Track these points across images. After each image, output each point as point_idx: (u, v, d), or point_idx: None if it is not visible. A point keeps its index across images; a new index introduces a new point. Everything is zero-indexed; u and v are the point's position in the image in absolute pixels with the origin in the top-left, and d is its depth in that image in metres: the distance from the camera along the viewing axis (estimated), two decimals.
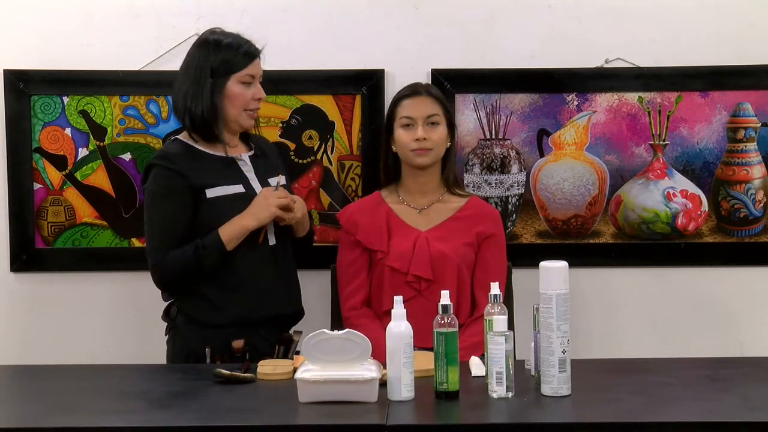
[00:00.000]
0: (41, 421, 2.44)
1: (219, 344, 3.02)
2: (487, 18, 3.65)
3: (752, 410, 2.45)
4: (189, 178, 3.04)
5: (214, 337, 3.04)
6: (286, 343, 3.06)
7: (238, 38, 3.12)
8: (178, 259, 3.02)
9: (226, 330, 3.04)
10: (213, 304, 3.07)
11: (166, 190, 3.06)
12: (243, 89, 3.10)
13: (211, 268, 3.03)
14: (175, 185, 3.05)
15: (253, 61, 3.11)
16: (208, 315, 3.08)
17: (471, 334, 3.10)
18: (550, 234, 3.70)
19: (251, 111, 3.14)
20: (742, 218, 3.69)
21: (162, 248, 3.04)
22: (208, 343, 3.03)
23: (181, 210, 3.05)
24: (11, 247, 3.67)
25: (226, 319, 3.06)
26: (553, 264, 2.54)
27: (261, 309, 3.09)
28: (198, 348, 3.04)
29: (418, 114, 3.25)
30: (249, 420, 2.42)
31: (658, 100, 3.66)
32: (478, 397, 2.53)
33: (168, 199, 3.06)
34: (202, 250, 3.01)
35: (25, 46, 3.64)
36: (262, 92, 3.14)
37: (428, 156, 3.25)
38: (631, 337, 3.70)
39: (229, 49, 3.09)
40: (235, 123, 3.13)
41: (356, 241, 3.27)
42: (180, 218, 3.04)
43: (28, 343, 3.70)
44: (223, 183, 3.06)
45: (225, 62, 3.08)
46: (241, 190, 3.09)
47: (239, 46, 3.10)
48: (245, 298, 3.08)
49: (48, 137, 3.65)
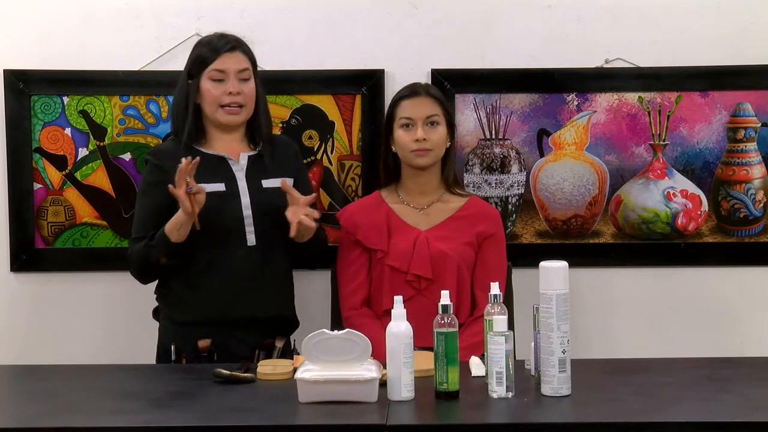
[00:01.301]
0: (41, 421, 2.44)
1: (186, 342, 3.04)
2: (487, 18, 3.65)
3: (752, 410, 2.45)
4: (169, 173, 3.02)
5: (182, 334, 3.06)
6: (266, 349, 3.03)
7: (216, 35, 3.13)
8: (136, 251, 3.08)
9: (195, 328, 3.04)
10: (183, 301, 3.10)
11: (148, 185, 3.14)
12: (213, 86, 3.09)
13: (161, 259, 3.03)
14: (155, 181, 3.10)
15: (219, 55, 3.08)
16: (177, 312, 3.11)
17: (471, 334, 3.10)
18: (550, 234, 3.70)
19: (228, 107, 3.10)
20: (742, 218, 3.69)
21: (134, 240, 3.12)
22: (176, 340, 3.07)
23: (158, 204, 3.07)
24: (11, 247, 3.66)
25: (194, 317, 3.07)
26: (553, 264, 2.54)
27: (235, 310, 3.07)
28: (167, 344, 3.08)
29: (418, 114, 3.25)
30: (249, 420, 2.42)
31: (658, 100, 3.66)
32: (478, 397, 2.54)
33: (147, 193, 3.13)
34: (149, 241, 3.04)
35: (25, 46, 3.64)
36: (235, 86, 3.08)
37: (428, 156, 3.25)
38: (631, 337, 3.70)
39: (199, 47, 3.13)
40: (215, 120, 3.12)
41: (356, 240, 3.27)
42: (156, 212, 3.07)
43: (28, 343, 3.70)
44: (204, 181, 3.01)
45: (196, 60, 3.12)
46: (222, 189, 3.08)
47: (209, 42, 3.11)
48: (218, 298, 3.07)
49: (48, 137, 3.65)
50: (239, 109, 3.12)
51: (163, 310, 3.17)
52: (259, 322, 3.09)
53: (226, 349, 3.03)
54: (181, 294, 3.11)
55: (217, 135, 3.15)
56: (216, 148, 3.14)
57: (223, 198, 3.07)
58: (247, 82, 3.12)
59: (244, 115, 3.14)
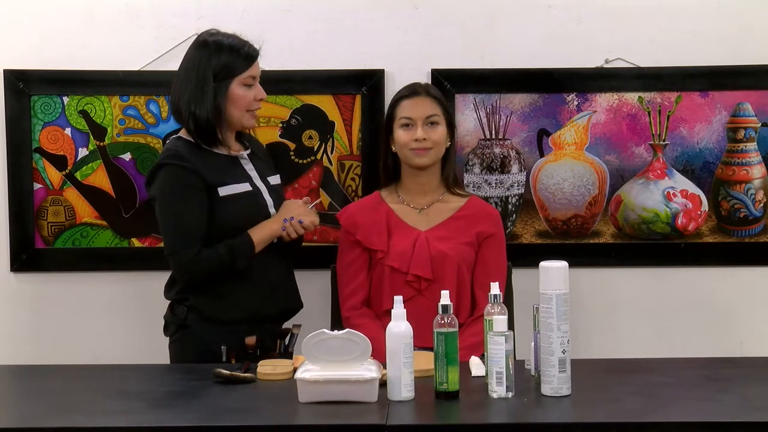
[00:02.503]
0: (41, 421, 2.44)
1: (233, 341, 3.02)
2: (487, 18, 3.65)
3: (752, 410, 2.45)
4: (203, 175, 3.03)
5: (229, 334, 3.04)
6: (285, 336, 3.07)
7: (237, 39, 3.12)
8: (213, 258, 3.02)
9: (240, 326, 3.05)
10: (228, 300, 3.08)
11: (185, 188, 3.04)
12: (245, 91, 3.11)
13: (240, 269, 3.06)
14: (192, 183, 3.03)
15: (253, 62, 3.12)
16: (224, 311, 3.08)
17: (471, 334, 3.10)
18: (550, 234, 3.70)
19: (253, 111, 3.15)
20: (742, 218, 3.70)
21: (191, 245, 3.02)
22: (224, 340, 3.03)
23: (201, 207, 3.04)
24: (11, 247, 3.67)
25: (241, 315, 3.08)
26: (553, 264, 2.54)
27: (271, 304, 3.13)
28: (214, 346, 3.03)
29: (418, 114, 3.25)
30: (249, 420, 2.42)
31: (658, 100, 3.66)
32: (478, 397, 2.53)
33: (187, 196, 3.03)
34: (237, 250, 3.03)
35: (25, 46, 3.64)
36: (263, 92, 3.15)
37: (428, 156, 3.25)
38: (631, 337, 3.70)
39: (230, 52, 3.09)
40: (238, 124, 3.14)
41: (356, 240, 3.27)
42: (201, 215, 3.04)
43: (28, 343, 3.70)
44: (232, 181, 3.08)
45: (227, 65, 3.08)
46: (249, 188, 3.12)
47: (240, 48, 3.10)
48: (257, 293, 3.10)
49: (48, 137, 3.65)
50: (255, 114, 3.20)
51: (203, 311, 3.08)
52: (288, 314, 3.20)
53: (262, 342, 3.03)
54: (225, 293, 3.08)
55: (228, 137, 3.16)
56: (223, 149, 3.15)
57: (252, 197, 3.11)
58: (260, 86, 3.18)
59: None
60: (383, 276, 3.21)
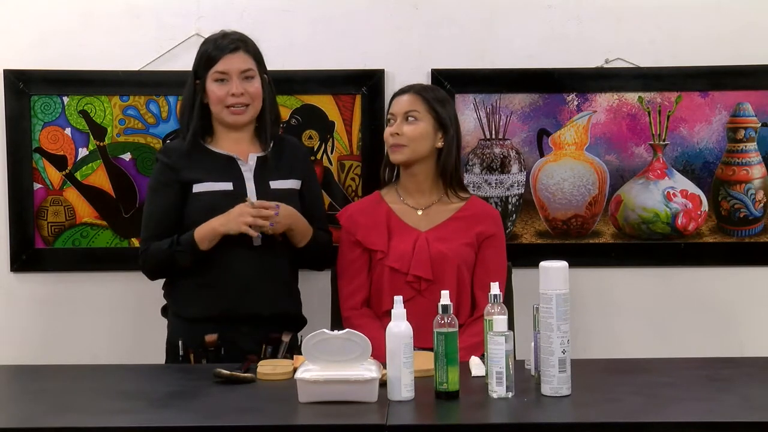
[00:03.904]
0: (41, 421, 2.44)
1: (194, 337, 3.05)
2: (487, 18, 3.65)
3: (752, 410, 2.45)
4: (180, 172, 3.09)
5: (189, 330, 3.08)
6: (274, 344, 3.04)
7: (216, 35, 3.14)
8: (156, 251, 3.10)
9: (202, 324, 3.06)
10: (191, 298, 3.12)
11: (158, 183, 3.15)
12: (217, 86, 3.11)
13: (186, 264, 3.07)
14: (165, 179, 3.13)
15: (222, 56, 3.10)
16: (185, 308, 3.14)
17: (471, 334, 3.10)
18: (550, 234, 3.70)
19: (233, 107, 3.12)
20: (742, 218, 3.69)
21: (148, 239, 3.13)
22: (184, 335, 3.08)
23: (169, 203, 3.10)
24: (11, 247, 3.66)
25: (201, 313, 3.09)
26: (553, 264, 2.54)
27: (241, 307, 3.10)
28: (175, 340, 3.10)
29: (398, 110, 3.25)
30: (249, 420, 2.42)
31: (658, 100, 3.66)
32: (478, 397, 2.53)
33: (158, 192, 3.15)
34: (176, 245, 3.06)
35: (24, 46, 3.64)
36: (238, 87, 3.10)
37: (402, 153, 3.23)
38: (631, 337, 3.70)
39: (204, 46, 3.15)
40: (220, 120, 3.14)
41: (356, 241, 3.26)
42: (167, 211, 3.10)
43: (28, 343, 3.69)
44: (212, 180, 3.10)
45: (200, 60, 3.13)
46: (229, 188, 3.11)
47: (213, 42, 3.12)
48: (223, 294, 3.10)
49: (48, 137, 3.65)
50: (244, 109, 3.13)
51: (171, 307, 3.19)
52: (264, 319, 3.12)
53: (233, 343, 3.05)
54: (189, 291, 3.13)
55: (225, 134, 3.17)
56: (225, 147, 3.16)
57: (229, 197, 3.09)
58: (251, 81, 3.13)
59: (250, 113, 3.16)
60: (383, 276, 3.21)
